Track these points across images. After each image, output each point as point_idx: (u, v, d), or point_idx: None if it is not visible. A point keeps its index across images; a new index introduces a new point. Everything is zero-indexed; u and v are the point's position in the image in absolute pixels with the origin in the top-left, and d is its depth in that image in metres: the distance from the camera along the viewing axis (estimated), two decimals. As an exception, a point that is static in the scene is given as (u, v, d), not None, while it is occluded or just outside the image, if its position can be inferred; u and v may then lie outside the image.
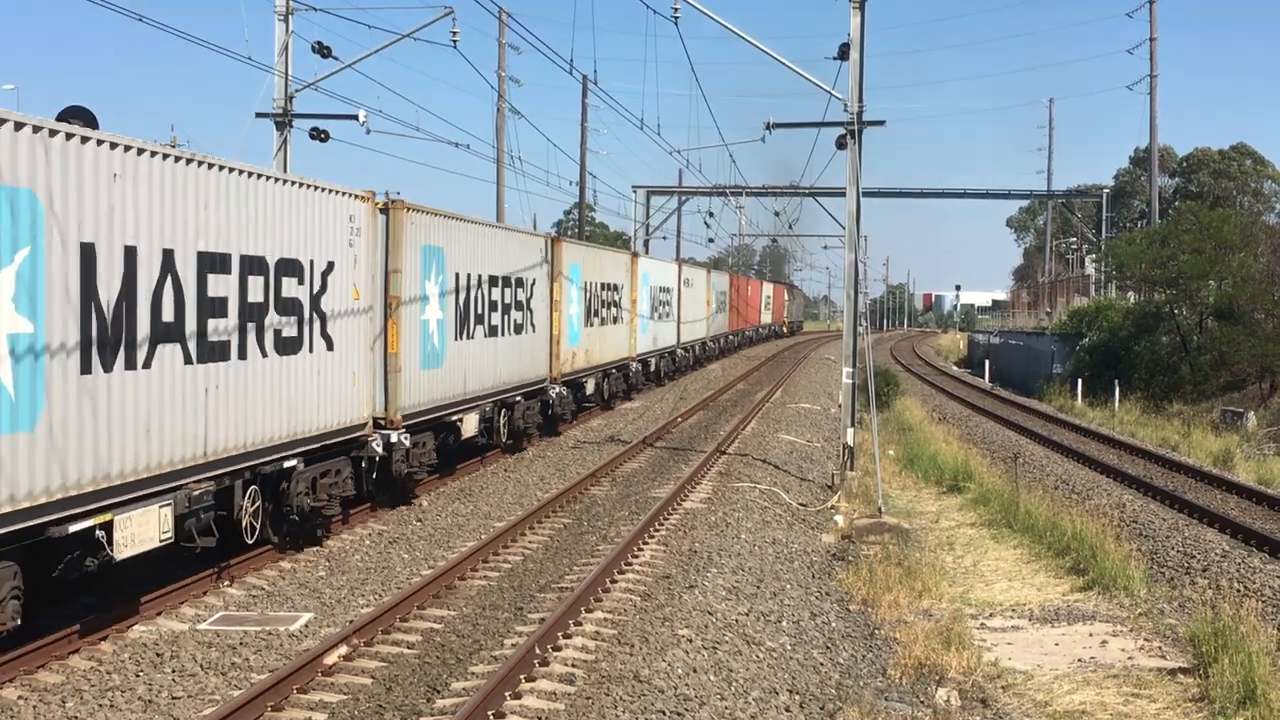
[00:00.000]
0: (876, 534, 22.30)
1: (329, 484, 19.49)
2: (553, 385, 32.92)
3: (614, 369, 41.38)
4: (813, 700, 13.38)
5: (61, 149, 12.89)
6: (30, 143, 12.43)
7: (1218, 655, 14.19)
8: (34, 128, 12.48)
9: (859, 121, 27.94)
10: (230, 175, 16.18)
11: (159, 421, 14.61)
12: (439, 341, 23.99)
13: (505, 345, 28.56)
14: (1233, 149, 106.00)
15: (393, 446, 21.37)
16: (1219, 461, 34.09)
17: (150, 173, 14.39)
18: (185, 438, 15.17)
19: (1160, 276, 51.90)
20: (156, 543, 14.49)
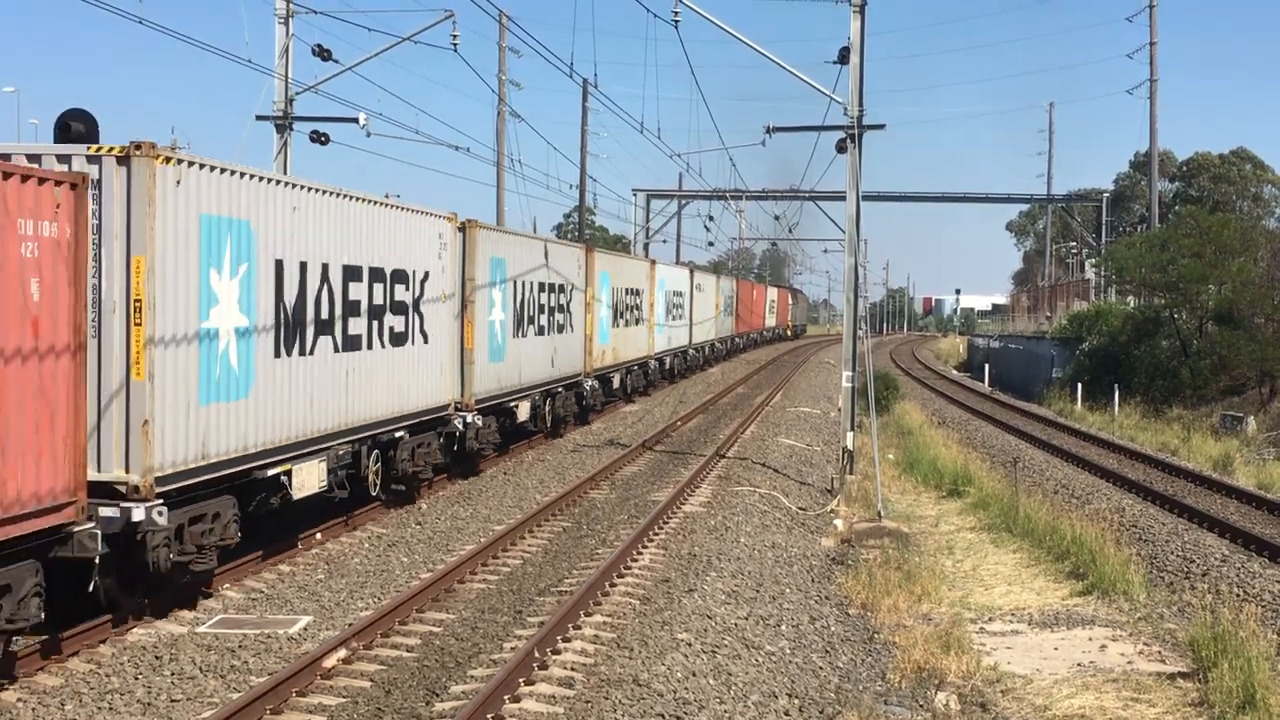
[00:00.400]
0: (876, 538, 22.29)
1: (424, 452, 23.52)
2: (587, 379, 36.99)
3: (636, 366, 45.62)
4: (812, 704, 13.38)
5: (262, 189, 16.99)
6: (247, 186, 16.49)
7: (1217, 660, 14.18)
8: (248, 174, 16.56)
9: (859, 125, 27.95)
10: (360, 204, 20.38)
11: (319, 396, 18.94)
12: (501, 338, 28.49)
13: (551, 343, 32.90)
14: (1233, 153, 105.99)
15: (468, 425, 25.59)
16: (1219, 466, 34.08)
17: (312, 205, 18.55)
18: (333, 410, 19.48)
19: (1160, 281, 51.88)
20: (316, 489, 18.73)
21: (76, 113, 14.40)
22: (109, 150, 13.95)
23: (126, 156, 14.02)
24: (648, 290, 48.14)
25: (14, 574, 12.34)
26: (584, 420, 37.64)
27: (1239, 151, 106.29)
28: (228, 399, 16.19)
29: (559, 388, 34.09)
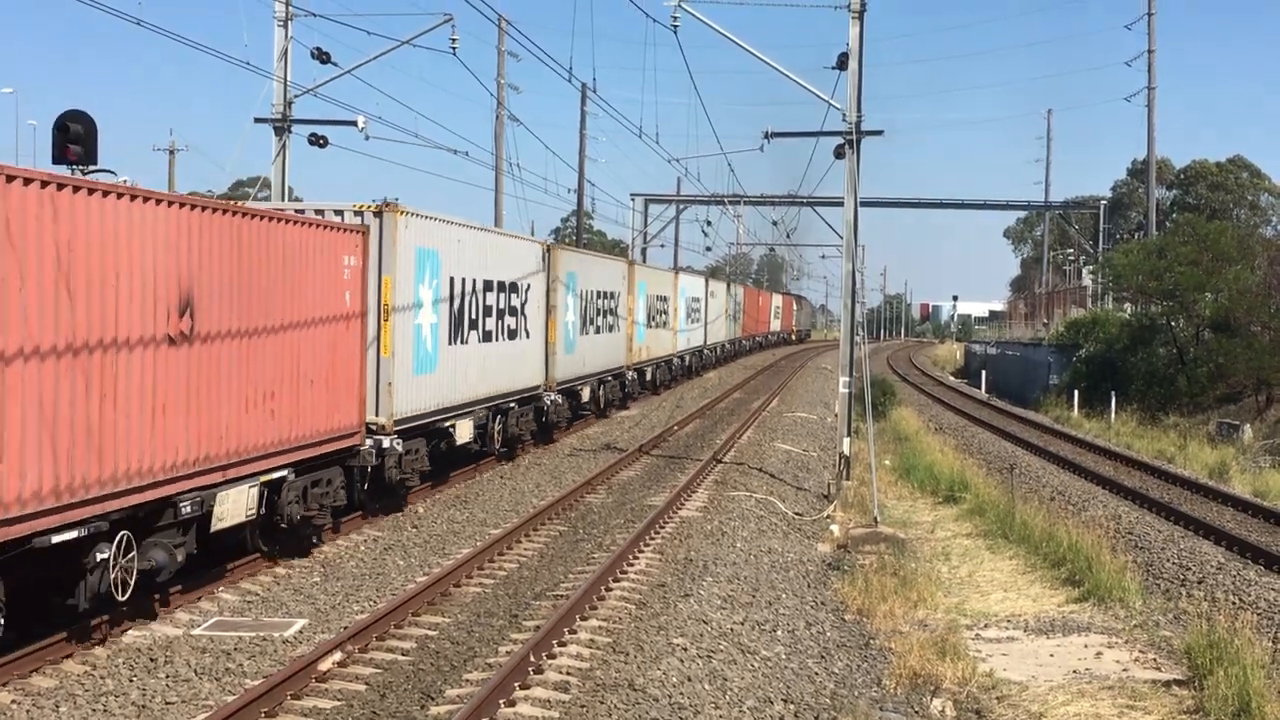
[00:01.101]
0: (872, 544, 22.29)
1: (525, 420, 31.10)
2: (628, 370, 45.07)
3: (662, 362, 53.31)
4: (807, 710, 13.37)
5: (445, 229, 24.55)
6: (437, 226, 24.05)
7: (1213, 667, 14.18)
8: (438, 219, 24.13)
9: (857, 131, 27.97)
10: (492, 235, 28.81)
11: (470, 374, 26.36)
12: (572, 336, 35.80)
13: (606, 340, 41.06)
14: (1230, 161, 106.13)
15: (551, 402, 32.95)
16: (1215, 474, 34.09)
17: (469, 237, 26.21)
18: (478, 384, 26.86)
19: (1157, 288, 51.89)
20: (469, 439, 26.15)
21: (75, 114, 14.40)
22: (372, 208, 21.37)
23: (380, 212, 21.48)
24: (672, 297, 55.12)
25: (332, 472, 19.81)
26: (623, 405, 45.40)
27: (1236, 159, 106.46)
28: (427, 372, 23.60)
29: (609, 377, 41.56)
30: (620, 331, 42.93)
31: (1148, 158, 66.03)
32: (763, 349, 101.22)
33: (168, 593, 15.98)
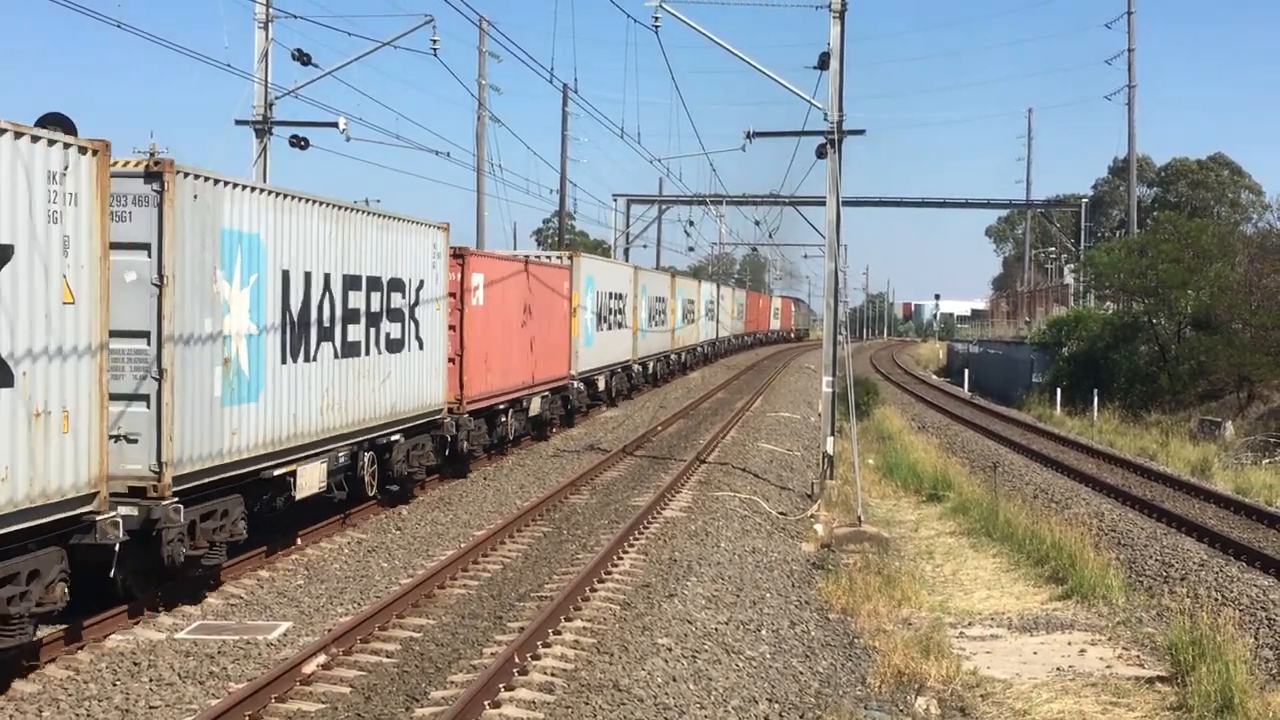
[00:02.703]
0: (856, 543, 22.33)
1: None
2: (671, 354, 56.31)
3: (690, 350, 68.05)
4: (792, 709, 13.39)
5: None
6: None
7: (1195, 664, 14.24)
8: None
9: (839, 130, 28.02)
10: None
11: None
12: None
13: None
14: (1210, 159, 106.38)
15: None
16: (1197, 471, 34.20)
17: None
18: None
19: (1139, 286, 52.05)
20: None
21: (54, 116, 14.33)
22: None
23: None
24: (698, 300, 72.21)
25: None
26: (656, 384, 54.89)
27: (1217, 157, 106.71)
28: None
29: (651, 363, 53.38)
30: (666, 326, 56.01)
31: (1128, 156, 66.20)
32: (764, 344, 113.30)
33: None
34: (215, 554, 16.47)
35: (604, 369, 43.28)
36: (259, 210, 17.43)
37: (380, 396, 22.04)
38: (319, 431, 19.45)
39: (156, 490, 14.83)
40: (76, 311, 13.30)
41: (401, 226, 22.88)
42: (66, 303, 13.13)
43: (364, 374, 21.38)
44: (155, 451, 14.90)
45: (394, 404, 22.73)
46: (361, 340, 21.17)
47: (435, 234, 24.78)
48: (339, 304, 20.27)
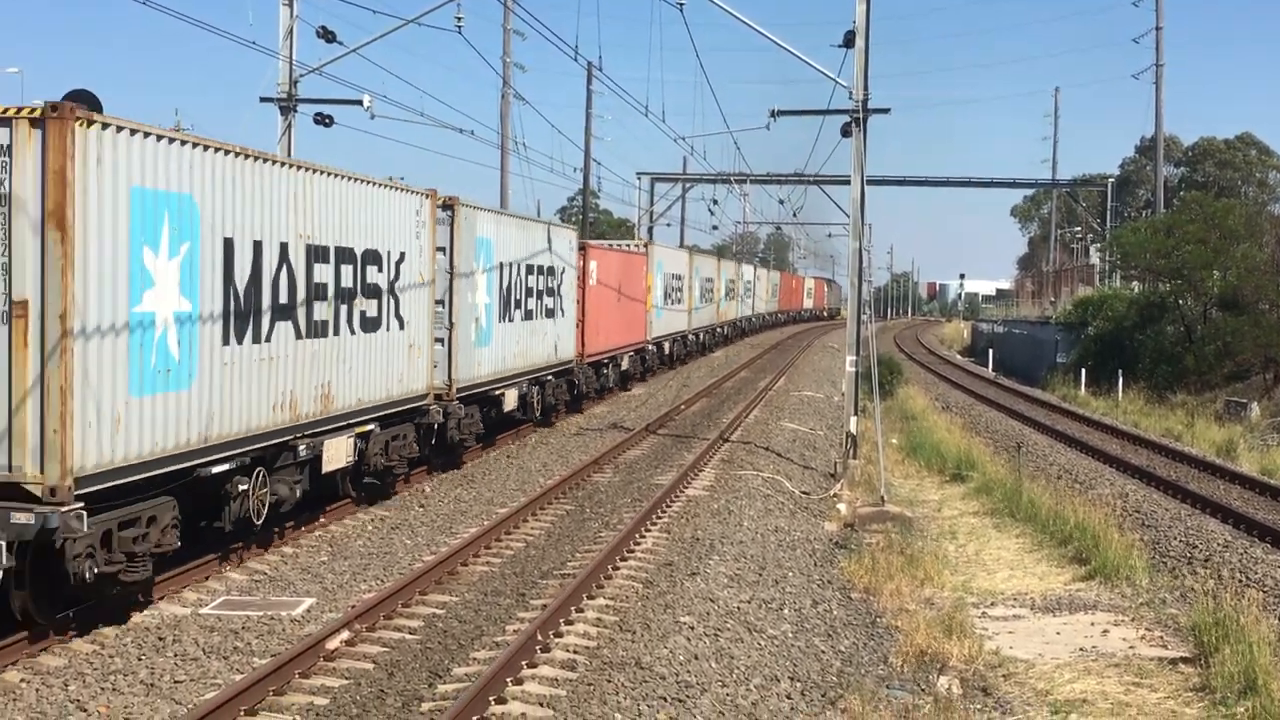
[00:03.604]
0: (879, 522, 22.31)
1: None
2: (718, 328, 67.77)
3: (731, 324, 76.60)
4: (814, 688, 13.40)
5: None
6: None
7: (1219, 645, 14.20)
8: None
9: (864, 109, 27.92)
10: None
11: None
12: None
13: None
14: (1238, 139, 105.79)
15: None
16: (1222, 452, 34.06)
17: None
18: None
19: (1165, 266, 51.81)
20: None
21: (80, 93, 14.37)
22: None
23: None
24: (738, 280, 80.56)
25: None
26: (704, 353, 63.57)
27: (1244, 137, 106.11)
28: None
29: (701, 334, 62.61)
30: (713, 304, 67.02)
31: (1155, 135, 65.82)
32: (796, 322, 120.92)
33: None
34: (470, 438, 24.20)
35: (667, 337, 52.11)
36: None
37: (540, 351, 30.75)
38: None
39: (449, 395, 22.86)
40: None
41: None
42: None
43: (536, 332, 30.30)
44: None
45: (548, 356, 31.49)
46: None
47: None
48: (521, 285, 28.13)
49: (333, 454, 18.84)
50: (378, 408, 20.65)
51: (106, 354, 13.42)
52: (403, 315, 21.58)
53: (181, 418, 14.81)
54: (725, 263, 76.95)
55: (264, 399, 16.79)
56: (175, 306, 14.68)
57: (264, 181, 16.70)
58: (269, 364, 16.92)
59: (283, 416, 17.31)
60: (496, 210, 28.68)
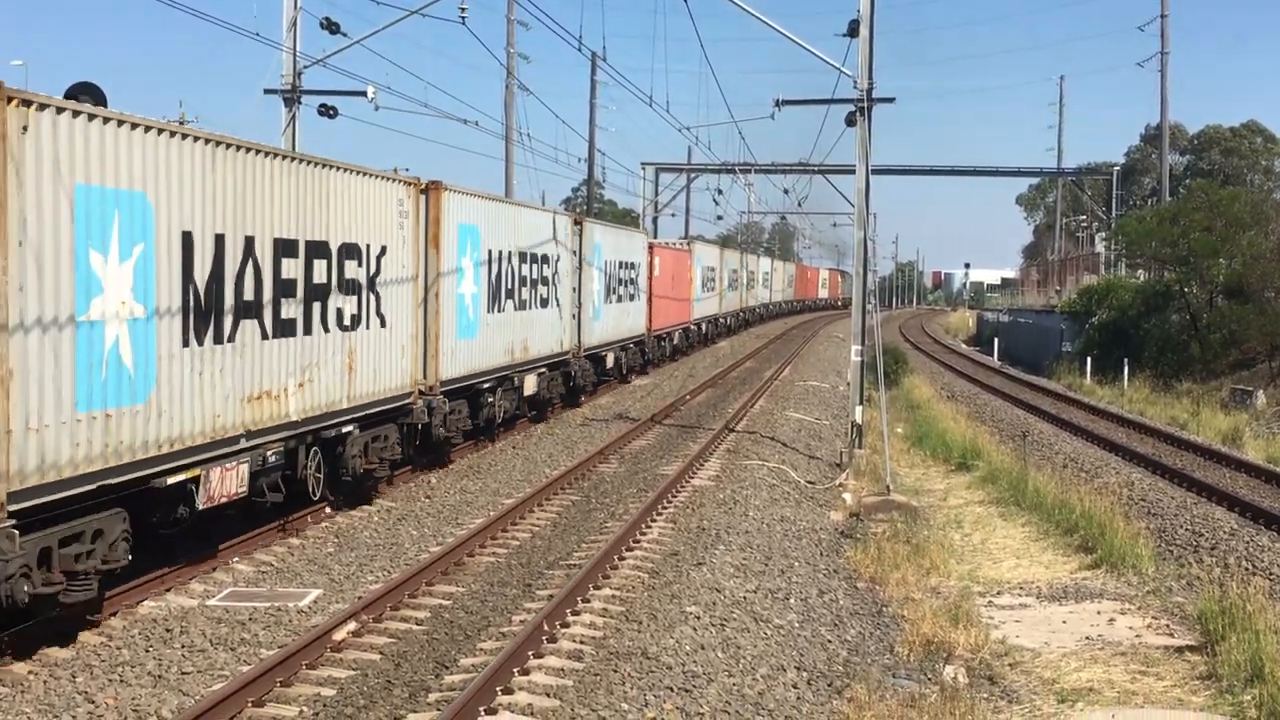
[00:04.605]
0: (884, 512, 22.31)
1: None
2: (741, 313, 77.66)
3: (751, 310, 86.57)
4: (820, 677, 13.41)
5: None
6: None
7: (1225, 633, 14.20)
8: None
9: (868, 98, 27.87)
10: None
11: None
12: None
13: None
14: (1244, 126, 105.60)
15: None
16: (1228, 440, 34.03)
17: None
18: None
19: (1170, 255, 51.73)
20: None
21: (84, 86, 14.37)
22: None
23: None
24: (758, 271, 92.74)
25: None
26: (730, 334, 73.16)
27: (1250, 124, 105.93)
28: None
29: (727, 321, 72.30)
30: (738, 292, 77.27)
31: (1161, 123, 65.71)
32: (811, 310, 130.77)
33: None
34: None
35: (704, 319, 63.30)
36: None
37: (627, 325, 41.74)
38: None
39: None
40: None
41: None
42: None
43: (626, 312, 41.66)
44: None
45: (631, 329, 41.97)
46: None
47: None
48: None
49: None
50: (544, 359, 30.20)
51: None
52: (547, 297, 30.85)
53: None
54: (748, 256, 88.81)
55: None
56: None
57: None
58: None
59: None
60: (605, 223, 43.23)
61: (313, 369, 18.36)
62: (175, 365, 14.77)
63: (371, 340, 20.45)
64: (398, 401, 21.64)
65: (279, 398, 17.40)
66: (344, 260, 19.47)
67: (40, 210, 12.29)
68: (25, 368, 12.20)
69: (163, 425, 14.51)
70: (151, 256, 14.23)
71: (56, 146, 12.47)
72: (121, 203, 13.60)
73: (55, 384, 12.63)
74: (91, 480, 13.18)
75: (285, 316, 17.54)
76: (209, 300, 15.49)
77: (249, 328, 16.52)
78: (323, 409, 18.72)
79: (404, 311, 21.87)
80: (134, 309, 13.91)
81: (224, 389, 15.88)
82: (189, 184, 14.89)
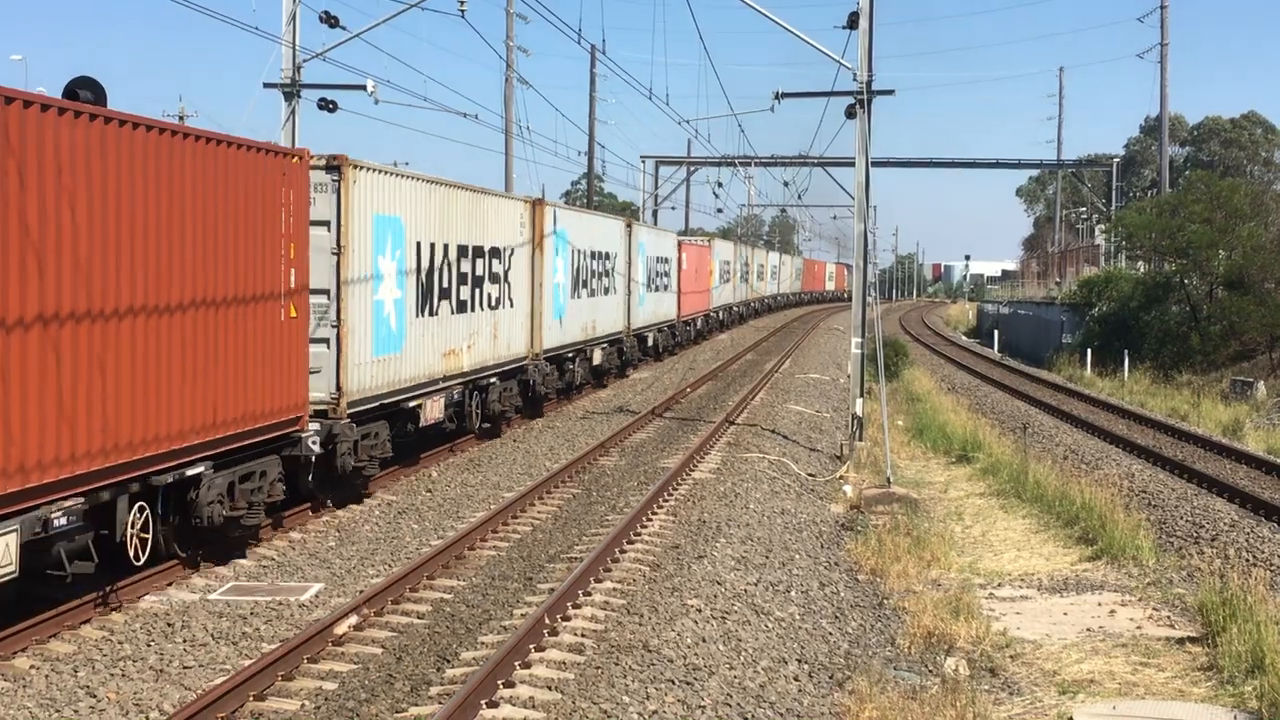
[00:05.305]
0: (885, 504, 22.32)
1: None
2: (751, 303, 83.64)
3: (761, 300, 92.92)
4: (821, 670, 13.42)
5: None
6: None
7: (1226, 624, 14.21)
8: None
9: (868, 91, 27.87)
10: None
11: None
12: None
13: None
14: (1244, 118, 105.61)
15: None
16: (1228, 431, 34.04)
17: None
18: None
19: (1170, 246, 51.74)
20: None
21: (84, 80, 14.35)
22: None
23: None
24: (768, 265, 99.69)
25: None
26: (742, 322, 79.74)
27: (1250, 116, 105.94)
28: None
29: (739, 310, 78.69)
30: (748, 284, 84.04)
31: (1160, 115, 65.64)
32: (818, 302, 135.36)
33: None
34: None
35: (721, 308, 69.96)
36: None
37: (662, 312, 48.48)
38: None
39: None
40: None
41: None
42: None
43: (661, 301, 48.35)
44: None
45: (665, 316, 49.18)
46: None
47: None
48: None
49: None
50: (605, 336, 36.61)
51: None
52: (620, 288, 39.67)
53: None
54: (757, 251, 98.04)
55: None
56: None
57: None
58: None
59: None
60: (647, 225, 52.65)
61: (475, 336, 25.71)
62: (413, 329, 22.31)
63: (506, 317, 27.96)
64: (518, 363, 28.98)
65: (459, 354, 24.71)
66: (492, 259, 26.99)
67: (356, 229, 19.63)
68: (351, 327, 19.52)
69: (407, 368, 21.97)
70: (403, 257, 21.74)
71: (365, 191, 20.03)
72: (391, 223, 21.21)
73: (364, 338, 20.02)
74: (376, 400, 20.72)
75: (462, 298, 24.96)
76: (427, 285, 23.05)
77: (444, 305, 23.96)
78: (479, 365, 26.07)
79: (523, 296, 29.49)
80: (395, 291, 21.43)
81: (433, 346, 23.29)
82: (419, 210, 22.64)
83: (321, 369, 18.92)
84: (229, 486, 16.16)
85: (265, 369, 16.72)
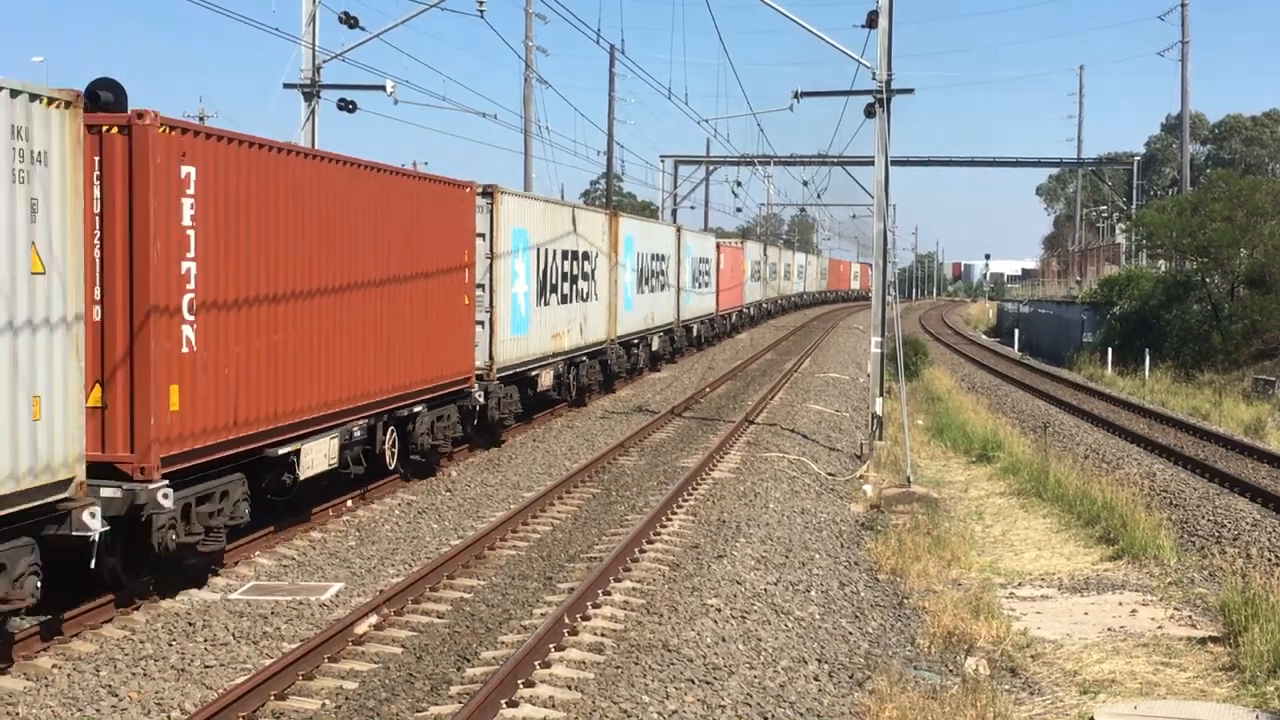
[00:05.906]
0: (905, 503, 22.28)
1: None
2: (779, 300, 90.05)
3: (787, 298, 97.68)
4: (841, 669, 13.40)
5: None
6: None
7: (1248, 624, 14.14)
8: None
9: (887, 89, 27.83)
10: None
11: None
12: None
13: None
14: (1265, 115, 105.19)
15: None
16: (1250, 430, 33.90)
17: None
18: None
19: (1191, 245, 51.55)
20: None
21: (105, 82, 14.40)
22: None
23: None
24: (795, 266, 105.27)
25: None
26: (769, 318, 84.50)
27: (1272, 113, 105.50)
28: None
29: (767, 307, 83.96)
30: (776, 281, 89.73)
31: (1181, 113, 65.45)
32: (843, 301, 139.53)
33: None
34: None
35: (754, 304, 76.31)
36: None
37: (701, 307, 53.97)
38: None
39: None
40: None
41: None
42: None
43: (702, 296, 55.29)
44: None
45: (705, 311, 54.28)
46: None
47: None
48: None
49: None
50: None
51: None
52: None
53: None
54: (785, 251, 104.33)
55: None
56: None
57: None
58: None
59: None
60: (691, 229, 56.81)
61: (572, 322, 31.41)
62: (534, 316, 28.15)
63: (592, 309, 33.74)
64: (600, 346, 34.91)
65: (561, 337, 30.43)
66: (584, 260, 32.95)
67: (502, 240, 25.55)
68: (499, 313, 25.61)
69: (532, 345, 27.98)
70: (529, 259, 27.68)
71: (507, 211, 25.88)
72: (521, 234, 26.95)
73: (505, 321, 25.82)
74: (511, 369, 26.54)
75: (564, 292, 30.69)
76: (542, 281, 28.73)
77: (553, 298, 29.77)
78: (575, 346, 31.93)
79: (604, 291, 35.31)
80: (524, 286, 27.26)
81: (546, 330, 29.04)
82: (537, 222, 28.21)
83: (479, 344, 25.06)
84: (431, 423, 22.39)
85: (451, 343, 23.17)
